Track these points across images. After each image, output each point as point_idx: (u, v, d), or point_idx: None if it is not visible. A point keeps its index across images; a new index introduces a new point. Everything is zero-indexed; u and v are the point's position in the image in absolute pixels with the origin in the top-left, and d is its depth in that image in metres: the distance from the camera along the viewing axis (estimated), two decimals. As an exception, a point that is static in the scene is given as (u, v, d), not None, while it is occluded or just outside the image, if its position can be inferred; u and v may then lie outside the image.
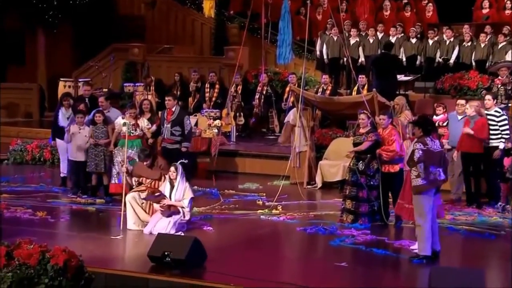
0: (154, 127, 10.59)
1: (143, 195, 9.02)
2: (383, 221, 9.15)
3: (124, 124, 10.17)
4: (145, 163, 9.23)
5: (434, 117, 11.03)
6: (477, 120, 10.03)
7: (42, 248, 6.22)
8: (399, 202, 8.07)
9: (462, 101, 10.50)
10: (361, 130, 9.31)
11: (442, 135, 10.40)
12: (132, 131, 10.20)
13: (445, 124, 10.75)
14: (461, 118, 10.26)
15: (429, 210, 7.58)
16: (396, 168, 9.13)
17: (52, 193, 10.89)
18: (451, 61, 14.58)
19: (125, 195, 9.06)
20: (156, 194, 8.89)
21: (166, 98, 10.84)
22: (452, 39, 14.66)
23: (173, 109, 10.70)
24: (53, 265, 6.07)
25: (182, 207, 8.76)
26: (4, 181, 11.53)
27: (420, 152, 7.48)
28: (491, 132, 10.04)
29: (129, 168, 9.31)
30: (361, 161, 9.18)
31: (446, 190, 10.36)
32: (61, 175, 11.41)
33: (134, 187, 9.19)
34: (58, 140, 11.26)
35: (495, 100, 10.49)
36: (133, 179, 9.20)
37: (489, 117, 10.11)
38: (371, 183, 9.15)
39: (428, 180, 7.47)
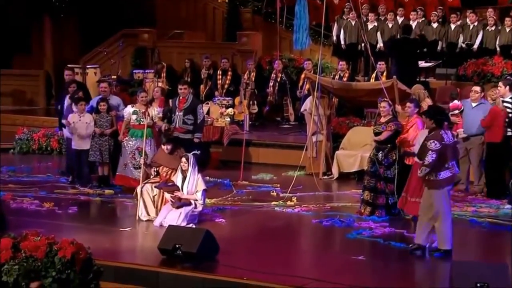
0: (158, 109, 10.30)
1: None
2: (400, 214, 8.89)
3: (134, 112, 9.94)
4: (166, 147, 8.97)
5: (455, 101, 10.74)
6: (491, 108, 9.80)
7: (50, 240, 6.08)
8: (403, 195, 7.92)
9: (477, 88, 10.22)
10: (381, 119, 9.08)
11: (456, 123, 10.10)
12: (141, 120, 9.94)
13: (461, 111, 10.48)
14: (475, 106, 9.99)
15: (448, 204, 7.43)
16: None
17: (60, 183, 10.69)
18: (475, 46, 14.22)
19: (142, 187, 8.84)
20: (169, 183, 8.70)
21: (181, 87, 10.50)
22: (475, 24, 14.27)
23: (186, 97, 10.41)
24: (60, 258, 5.92)
25: (196, 200, 8.57)
26: (10, 171, 11.37)
27: (434, 156, 7.15)
28: (508, 120, 9.77)
29: (147, 161, 9.11)
30: (380, 151, 8.96)
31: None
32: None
33: (152, 176, 8.99)
34: (64, 130, 11.03)
35: (507, 87, 10.09)
36: (153, 169, 8.98)
37: (505, 104, 9.86)
38: (386, 174, 8.93)
39: (447, 174, 7.26)
